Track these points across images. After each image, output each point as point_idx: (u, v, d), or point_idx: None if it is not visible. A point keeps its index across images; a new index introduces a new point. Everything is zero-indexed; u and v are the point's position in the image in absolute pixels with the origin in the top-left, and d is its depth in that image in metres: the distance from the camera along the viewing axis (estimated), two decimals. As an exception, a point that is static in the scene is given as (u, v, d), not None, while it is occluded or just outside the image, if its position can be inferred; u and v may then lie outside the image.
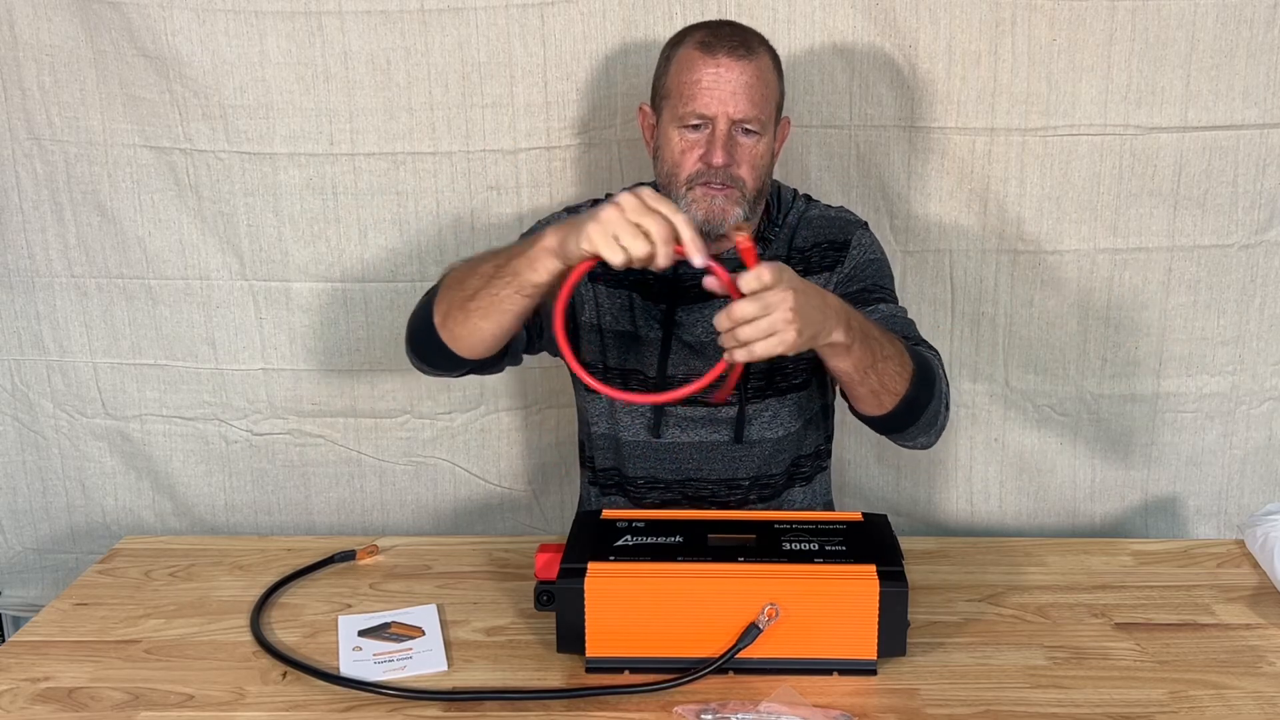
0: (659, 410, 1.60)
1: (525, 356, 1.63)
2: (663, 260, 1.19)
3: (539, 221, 1.67)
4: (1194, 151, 1.87)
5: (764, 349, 1.20)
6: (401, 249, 1.97)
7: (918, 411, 1.42)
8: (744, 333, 1.19)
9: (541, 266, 1.29)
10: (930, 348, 1.51)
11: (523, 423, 2.06)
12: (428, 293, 1.50)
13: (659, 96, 1.57)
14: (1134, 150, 1.87)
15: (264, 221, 1.95)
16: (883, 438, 2.03)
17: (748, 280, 1.19)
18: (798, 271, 1.58)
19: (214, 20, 1.85)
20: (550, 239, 1.27)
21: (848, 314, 1.30)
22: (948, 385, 1.50)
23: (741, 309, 1.18)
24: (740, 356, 1.21)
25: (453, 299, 1.41)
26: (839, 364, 1.34)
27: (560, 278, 1.29)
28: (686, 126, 1.50)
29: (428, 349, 1.48)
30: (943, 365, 1.50)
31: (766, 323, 1.18)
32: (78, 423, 2.08)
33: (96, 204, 1.96)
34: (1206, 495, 2.04)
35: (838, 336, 1.28)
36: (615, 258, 1.20)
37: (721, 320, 1.20)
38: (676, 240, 1.20)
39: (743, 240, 1.24)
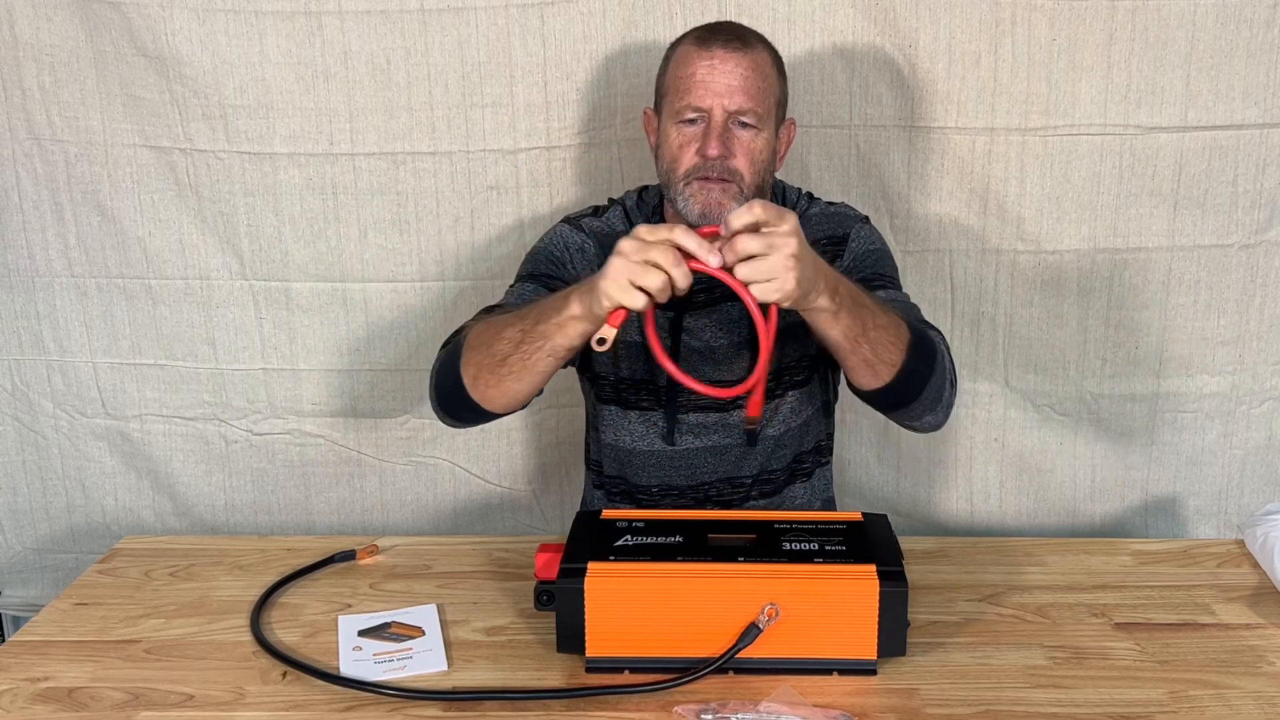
0: (672, 419, 1.60)
1: None
2: (681, 281, 1.20)
3: (543, 238, 1.66)
4: (1194, 151, 1.87)
5: (760, 293, 1.19)
6: (401, 249, 1.97)
7: (918, 384, 1.38)
8: (744, 270, 1.18)
9: (573, 332, 1.31)
10: (933, 328, 1.49)
11: (523, 423, 2.06)
12: (448, 351, 1.49)
13: (659, 96, 1.57)
14: (1134, 150, 1.87)
15: (264, 221, 1.95)
16: (884, 437, 2.05)
17: (739, 214, 1.18)
18: None
19: (214, 20, 1.85)
20: (576, 306, 1.29)
21: (836, 280, 1.28)
22: (952, 363, 1.47)
23: (745, 243, 1.17)
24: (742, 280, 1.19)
25: (481, 363, 1.41)
26: (828, 331, 1.31)
27: (588, 338, 1.30)
28: (683, 121, 1.50)
29: (459, 408, 1.48)
30: (946, 344, 1.47)
31: (767, 265, 1.17)
32: (78, 423, 2.08)
33: (96, 204, 1.96)
34: (1206, 495, 2.04)
35: (823, 302, 1.26)
36: (637, 303, 1.21)
37: (726, 253, 1.18)
38: (687, 256, 1.20)
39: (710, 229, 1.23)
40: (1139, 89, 1.84)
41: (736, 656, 1.21)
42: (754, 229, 1.18)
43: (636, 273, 1.19)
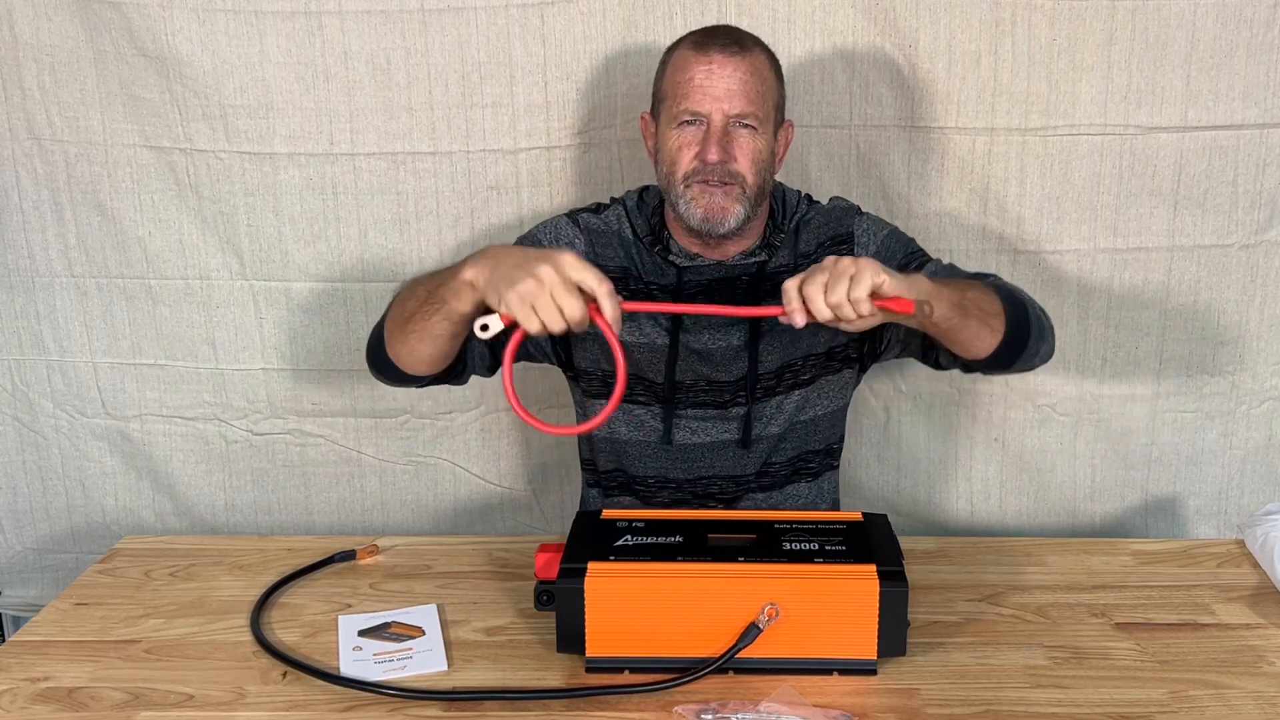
0: (669, 414, 1.60)
1: (528, 364, 1.64)
2: (578, 329, 1.22)
3: (540, 224, 1.67)
4: (1194, 151, 1.87)
5: (854, 324, 1.21)
6: (401, 249, 1.97)
7: (1025, 320, 1.41)
8: (831, 299, 1.19)
9: (465, 298, 1.30)
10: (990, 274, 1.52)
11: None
12: (388, 306, 1.51)
13: (657, 101, 1.57)
14: (1134, 150, 1.87)
15: (264, 221, 1.95)
16: (884, 437, 2.05)
17: (797, 312, 1.21)
18: None
19: (214, 20, 1.85)
20: (471, 272, 1.27)
21: (910, 277, 1.28)
22: (1029, 298, 1.48)
23: (810, 290, 1.19)
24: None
25: (394, 318, 1.44)
26: (942, 313, 1.31)
27: (481, 309, 1.28)
28: (682, 125, 1.50)
29: (380, 362, 1.50)
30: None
31: (833, 282, 1.18)
32: (78, 423, 2.08)
33: (96, 204, 1.96)
34: (1206, 495, 2.04)
35: (941, 310, 1.28)
36: (531, 327, 1.21)
37: (799, 320, 1.21)
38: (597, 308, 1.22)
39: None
40: (1139, 89, 1.84)
41: (736, 656, 1.21)
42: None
43: (544, 306, 1.20)
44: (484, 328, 1.24)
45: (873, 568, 1.24)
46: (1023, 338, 1.42)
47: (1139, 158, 1.87)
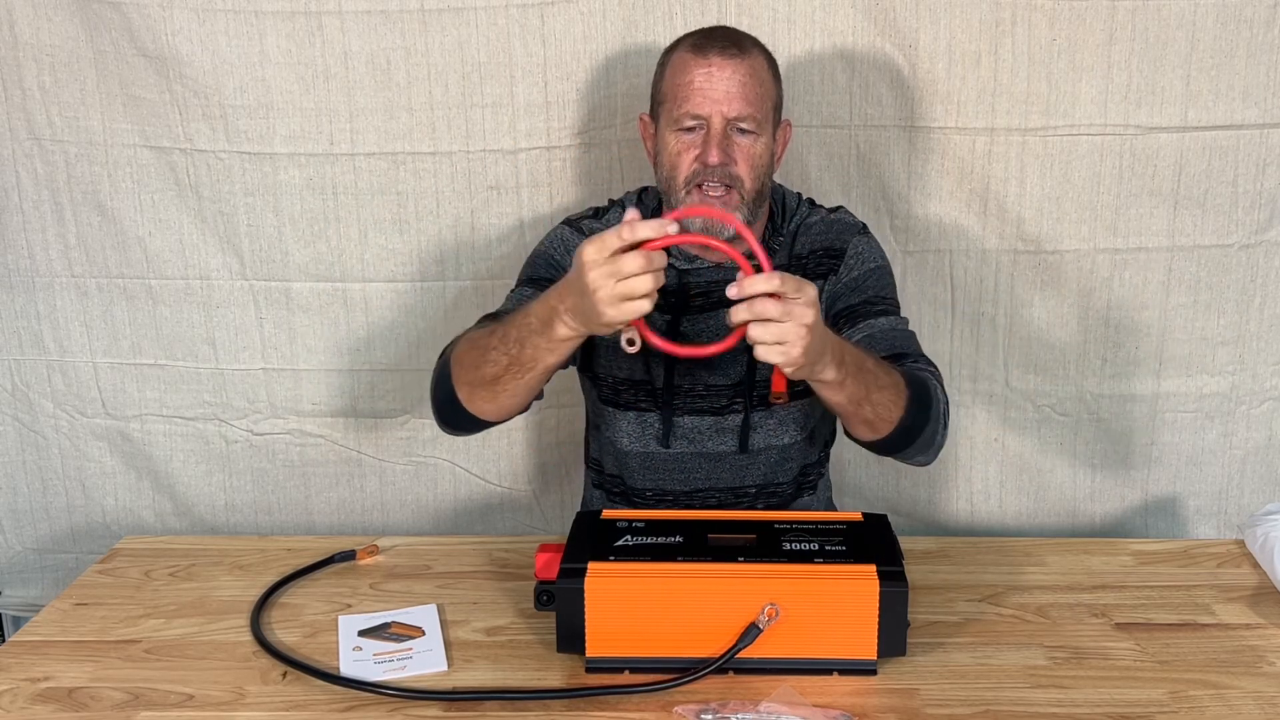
0: (668, 420, 1.60)
1: None
2: (659, 262, 1.20)
3: (544, 240, 1.66)
4: (1194, 151, 1.87)
5: (764, 354, 1.21)
6: (401, 249, 1.97)
7: (913, 436, 1.43)
8: (756, 331, 1.19)
9: (565, 351, 1.34)
10: (930, 364, 1.52)
11: (523, 423, 2.06)
12: (441, 364, 1.50)
13: (655, 103, 1.57)
14: (1134, 150, 1.87)
15: (264, 221, 1.95)
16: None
17: (760, 280, 1.19)
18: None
19: (214, 20, 1.85)
20: (565, 327, 1.29)
21: (842, 351, 1.31)
22: (947, 404, 1.50)
23: (764, 306, 1.18)
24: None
25: (474, 381, 1.43)
26: (831, 396, 1.36)
27: (579, 350, 1.34)
28: (682, 129, 1.50)
29: (458, 421, 1.49)
30: (942, 384, 1.50)
31: (779, 330, 1.19)
32: (78, 423, 2.08)
33: (96, 204, 1.96)
34: (1206, 495, 2.05)
35: (829, 374, 1.30)
36: (643, 308, 1.21)
37: (734, 291, 1.19)
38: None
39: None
40: (1139, 89, 1.84)
41: (736, 656, 1.21)
42: (774, 296, 1.19)
43: (621, 290, 1.20)
44: (630, 342, 1.27)
45: (873, 568, 1.24)
46: (897, 447, 1.45)
47: (1139, 158, 1.87)
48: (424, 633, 1.34)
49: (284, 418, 2.06)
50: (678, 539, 1.30)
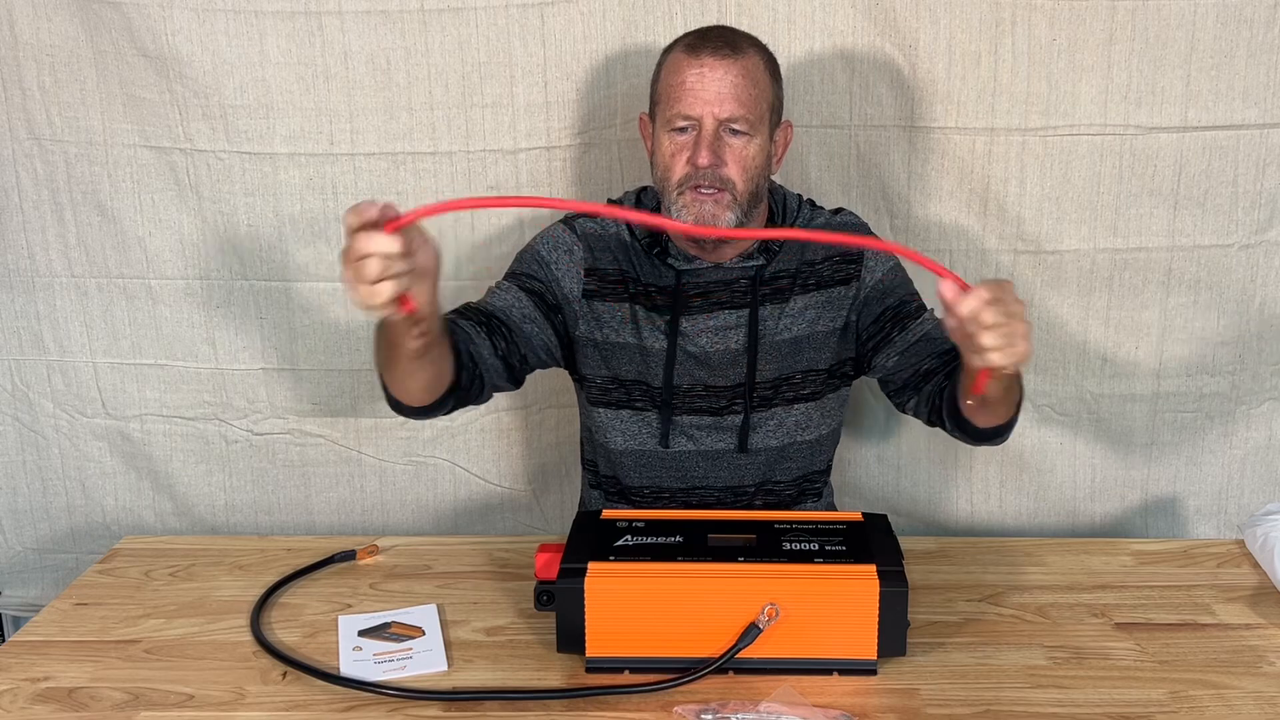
0: (667, 420, 1.60)
1: (539, 370, 1.64)
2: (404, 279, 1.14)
3: (537, 236, 1.66)
4: (1194, 151, 1.87)
5: (1002, 358, 1.18)
6: (401, 249, 1.96)
7: (1011, 427, 1.48)
8: (987, 339, 1.17)
9: (408, 332, 1.28)
10: None
11: (523, 423, 2.06)
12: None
13: (653, 103, 1.57)
14: (1134, 150, 1.87)
15: (264, 221, 1.95)
16: (884, 437, 2.06)
17: (978, 298, 1.16)
18: (810, 286, 1.60)
19: (214, 20, 1.85)
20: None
21: None
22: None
23: (987, 316, 1.16)
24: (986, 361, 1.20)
25: (382, 366, 1.42)
26: (991, 388, 1.33)
27: (413, 319, 1.25)
28: (675, 129, 1.50)
29: (400, 407, 1.48)
30: None
31: (1008, 331, 1.17)
32: (78, 423, 2.08)
33: (96, 204, 1.96)
34: (1206, 495, 2.04)
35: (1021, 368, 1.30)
36: (378, 298, 1.14)
37: (964, 319, 1.17)
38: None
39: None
40: (1139, 89, 1.84)
41: (736, 656, 1.21)
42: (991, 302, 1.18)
43: (358, 273, 1.13)
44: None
45: (873, 568, 1.24)
46: (997, 436, 1.50)
47: (1139, 158, 1.87)
48: (424, 633, 1.34)
49: (284, 418, 2.06)
50: (678, 539, 1.31)
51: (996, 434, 1.48)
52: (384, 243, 1.12)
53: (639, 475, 1.63)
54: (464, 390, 1.49)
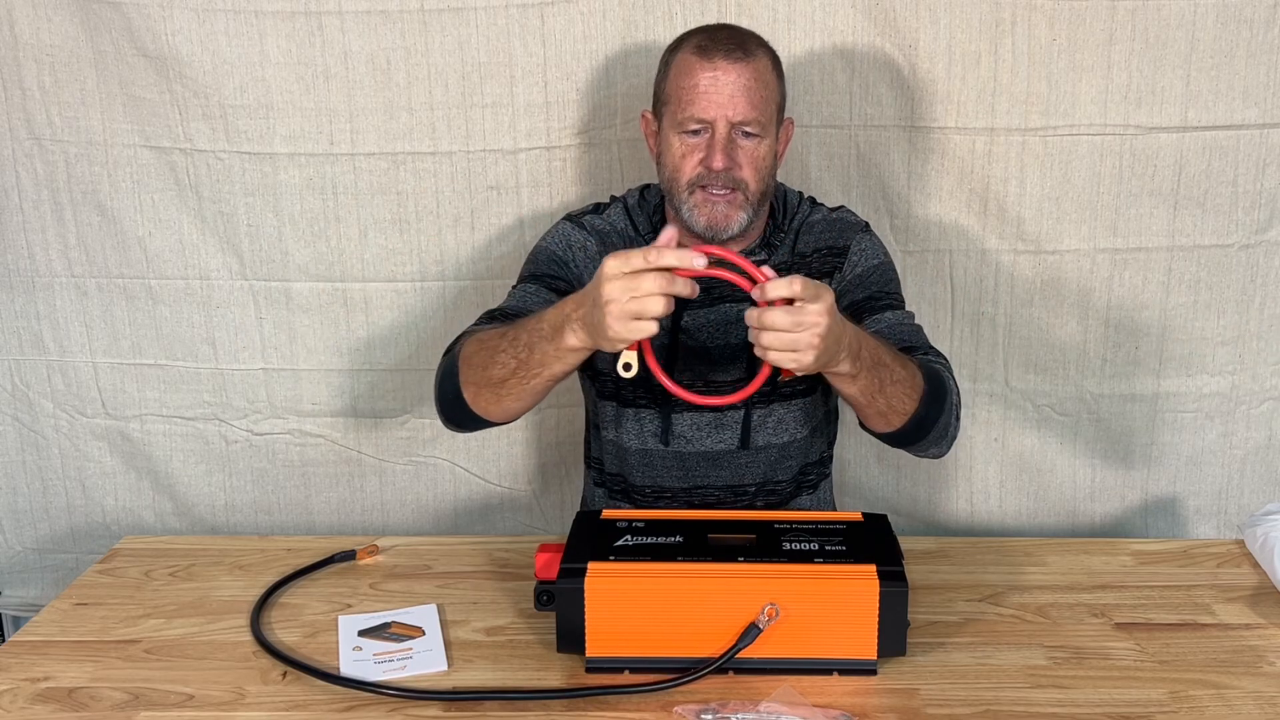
0: (667, 418, 1.60)
1: None
2: (684, 290, 1.20)
3: (546, 235, 1.66)
4: (1194, 151, 1.87)
5: (777, 359, 1.22)
6: (401, 249, 1.97)
7: (927, 427, 1.43)
8: (766, 338, 1.20)
9: (572, 361, 1.33)
10: (940, 356, 1.52)
11: (523, 422, 2.06)
12: (447, 362, 1.49)
13: (659, 103, 1.57)
14: (1134, 150, 1.87)
15: (264, 221, 1.95)
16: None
17: (777, 286, 1.19)
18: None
19: (214, 20, 1.85)
20: (573, 339, 1.28)
21: (859, 343, 1.31)
22: (958, 396, 1.50)
23: (773, 317, 1.20)
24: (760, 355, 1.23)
25: (480, 381, 1.42)
26: (845, 389, 1.36)
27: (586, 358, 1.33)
28: (686, 131, 1.50)
29: (462, 419, 1.49)
30: (953, 375, 1.50)
31: (791, 339, 1.20)
32: (78, 423, 2.08)
33: (96, 204, 1.97)
34: (1206, 495, 2.05)
35: (844, 367, 1.30)
36: (648, 331, 1.20)
37: (751, 316, 1.21)
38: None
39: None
40: (1139, 89, 1.84)
41: (736, 656, 1.21)
42: (788, 301, 1.20)
43: (634, 308, 1.19)
44: (627, 367, 1.26)
45: (873, 568, 1.24)
46: (912, 439, 1.45)
47: (1139, 158, 1.87)
48: (424, 633, 1.34)
49: (284, 418, 2.06)
50: (678, 539, 1.30)
51: (908, 440, 1.45)
52: (677, 284, 1.19)
53: (642, 474, 1.64)
54: None
